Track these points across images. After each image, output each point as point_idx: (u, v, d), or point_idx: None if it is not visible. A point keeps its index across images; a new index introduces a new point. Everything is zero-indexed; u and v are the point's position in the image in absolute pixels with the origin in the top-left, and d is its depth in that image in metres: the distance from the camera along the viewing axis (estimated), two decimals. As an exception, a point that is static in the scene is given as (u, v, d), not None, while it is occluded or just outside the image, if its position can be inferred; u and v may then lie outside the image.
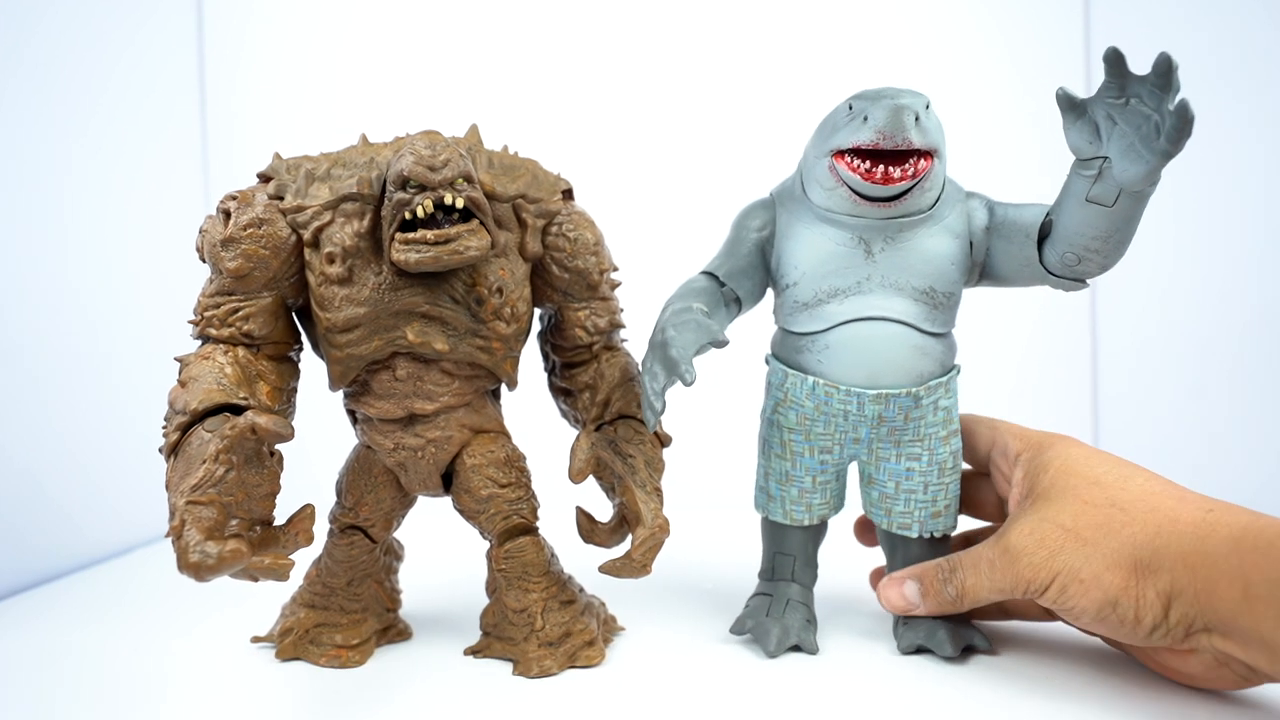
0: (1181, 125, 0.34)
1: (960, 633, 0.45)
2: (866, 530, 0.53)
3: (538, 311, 0.48)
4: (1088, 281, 0.42)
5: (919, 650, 0.45)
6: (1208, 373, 0.78)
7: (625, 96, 0.88)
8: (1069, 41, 0.87)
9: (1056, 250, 0.41)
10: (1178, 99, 0.34)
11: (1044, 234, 0.42)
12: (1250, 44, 0.73)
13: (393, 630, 0.49)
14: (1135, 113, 0.36)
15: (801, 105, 0.48)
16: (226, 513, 0.36)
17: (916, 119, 0.40)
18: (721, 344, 0.42)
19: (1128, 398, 0.87)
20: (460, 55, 0.88)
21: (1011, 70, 0.87)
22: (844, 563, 0.55)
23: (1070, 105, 0.38)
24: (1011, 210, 0.44)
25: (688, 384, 0.40)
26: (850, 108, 0.41)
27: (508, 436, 0.48)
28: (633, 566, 0.42)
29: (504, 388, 0.47)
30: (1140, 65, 0.36)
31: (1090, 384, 0.90)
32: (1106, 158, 0.37)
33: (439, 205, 0.40)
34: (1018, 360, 0.89)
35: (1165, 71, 0.34)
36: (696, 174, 0.86)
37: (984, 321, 0.84)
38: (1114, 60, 0.36)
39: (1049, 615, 0.47)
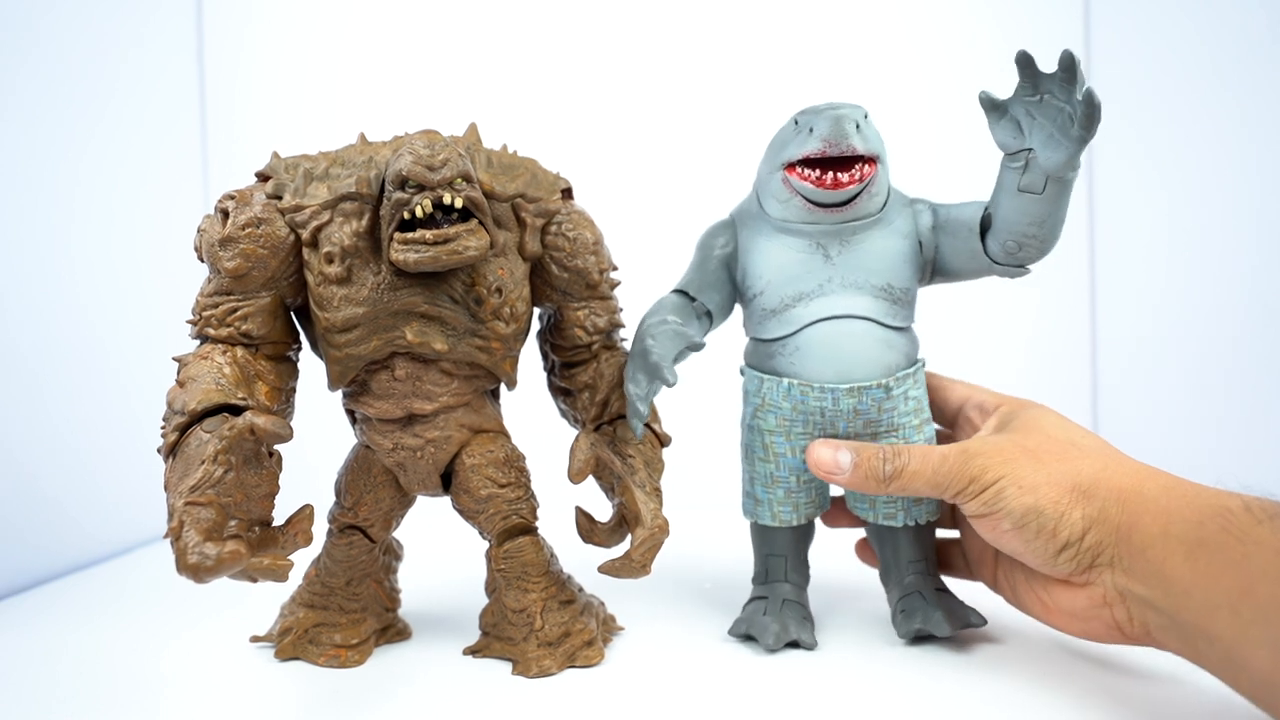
0: (1090, 111, 0.38)
1: (956, 613, 0.46)
2: (867, 550, 0.54)
3: (537, 311, 0.48)
4: (1030, 268, 0.45)
5: (920, 637, 0.46)
6: (1207, 368, 0.77)
7: (624, 97, 0.88)
8: (1069, 42, 0.87)
9: (998, 240, 0.44)
10: (1084, 89, 0.38)
11: (985, 227, 0.45)
12: (1250, 44, 0.72)
13: (392, 630, 0.49)
14: (1049, 106, 0.40)
15: (799, 106, 0.48)
16: (225, 513, 0.36)
17: (857, 127, 0.43)
18: (698, 347, 0.45)
19: (1127, 396, 0.87)
20: (460, 55, 0.88)
21: (1011, 71, 0.87)
22: (833, 562, 0.55)
23: (993, 106, 0.41)
24: (954, 209, 0.47)
25: (670, 385, 0.43)
26: (795, 123, 0.45)
27: (507, 436, 0.48)
28: (632, 566, 0.42)
29: (503, 387, 0.47)
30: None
31: (1090, 381, 0.90)
32: (1031, 149, 0.41)
33: (438, 205, 0.40)
34: (1017, 359, 0.89)
35: (1069, 67, 0.38)
36: (695, 174, 0.86)
37: (984, 320, 0.84)
38: (1025, 62, 0.39)
39: (969, 571, 0.50)
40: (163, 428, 0.38)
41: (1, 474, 0.61)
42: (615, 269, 0.48)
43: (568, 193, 0.47)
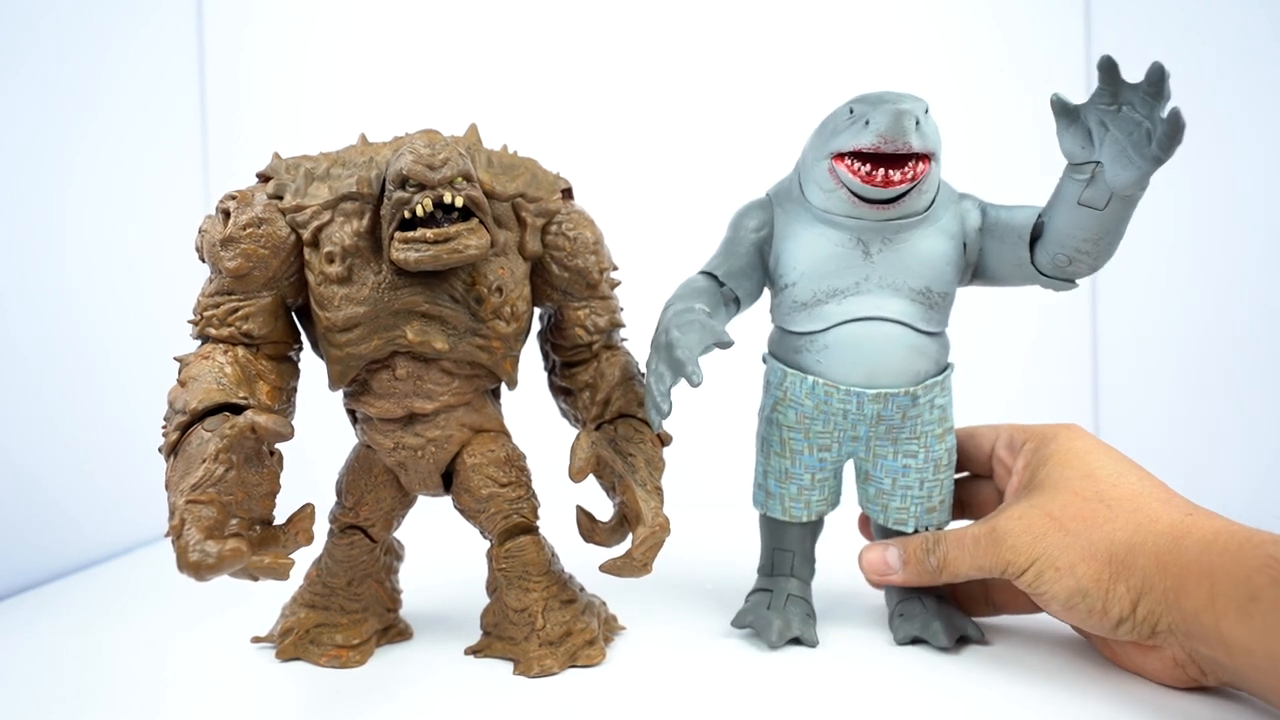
0: (1173, 132, 0.35)
1: (954, 623, 0.46)
2: (869, 524, 0.53)
3: (537, 311, 0.48)
4: (1077, 282, 0.43)
5: (915, 640, 0.46)
6: (1208, 371, 0.77)
7: (625, 96, 0.88)
8: (1069, 42, 0.87)
9: (1048, 251, 0.42)
10: (1169, 107, 0.36)
11: (1035, 235, 0.43)
12: (1250, 44, 0.72)
13: (393, 630, 0.49)
14: (1126, 119, 0.37)
15: (801, 105, 0.48)
16: (226, 512, 0.36)
17: (917, 123, 0.40)
18: (726, 344, 0.42)
19: (1128, 397, 0.87)
20: (460, 55, 0.88)
21: (1013, 71, 0.87)
22: (840, 558, 0.55)
23: (1064, 111, 0.39)
24: (1004, 212, 0.44)
25: (695, 385, 0.40)
26: (851, 111, 0.42)
27: (508, 436, 0.48)
28: (633, 566, 0.42)
29: (504, 387, 0.47)
30: (1135, 69, 0.37)
31: (1091, 384, 0.90)
32: (1099, 163, 0.39)
33: (438, 204, 0.40)
34: (1018, 360, 0.89)
35: (1158, 80, 0.35)
36: (696, 174, 0.86)
37: (985, 321, 0.84)
38: (1108, 68, 0.37)
39: (1033, 608, 0.48)
40: (164, 427, 0.38)
41: (1, 474, 0.61)
42: (615, 269, 0.48)
43: (568, 193, 0.47)
